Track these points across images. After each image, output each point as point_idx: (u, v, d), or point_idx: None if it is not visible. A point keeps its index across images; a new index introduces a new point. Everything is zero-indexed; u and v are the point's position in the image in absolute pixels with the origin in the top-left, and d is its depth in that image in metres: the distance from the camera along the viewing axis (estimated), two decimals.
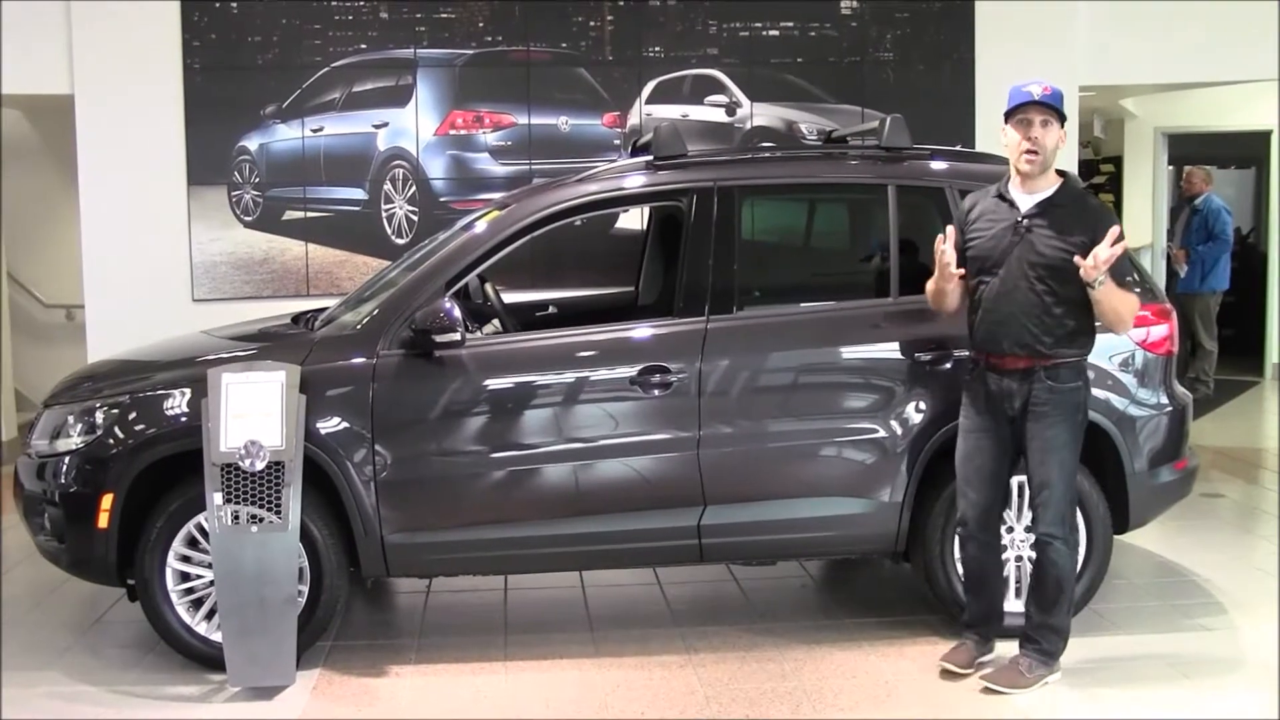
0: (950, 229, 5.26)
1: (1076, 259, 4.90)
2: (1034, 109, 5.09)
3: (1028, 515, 5.68)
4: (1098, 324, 5.13)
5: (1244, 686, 5.31)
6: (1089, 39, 9.95)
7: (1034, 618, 5.30)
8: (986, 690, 5.22)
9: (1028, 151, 5.10)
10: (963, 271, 5.22)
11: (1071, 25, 9.89)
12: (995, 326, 5.14)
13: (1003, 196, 5.21)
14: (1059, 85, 5.20)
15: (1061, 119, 5.14)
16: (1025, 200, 5.14)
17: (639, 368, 5.61)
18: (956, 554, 5.67)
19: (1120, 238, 4.89)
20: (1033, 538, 5.64)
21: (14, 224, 11.39)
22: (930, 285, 5.32)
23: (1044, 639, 5.27)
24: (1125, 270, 5.08)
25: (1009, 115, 5.17)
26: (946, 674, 5.37)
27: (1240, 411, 11.87)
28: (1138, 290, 5.20)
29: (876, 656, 5.66)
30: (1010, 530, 5.72)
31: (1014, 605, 5.72)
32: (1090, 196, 5.16)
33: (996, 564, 5.46)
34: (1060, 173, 5.19)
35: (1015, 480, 5.66)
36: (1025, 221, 5.11)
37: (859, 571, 7.03)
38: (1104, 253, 4.84)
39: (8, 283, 10.99)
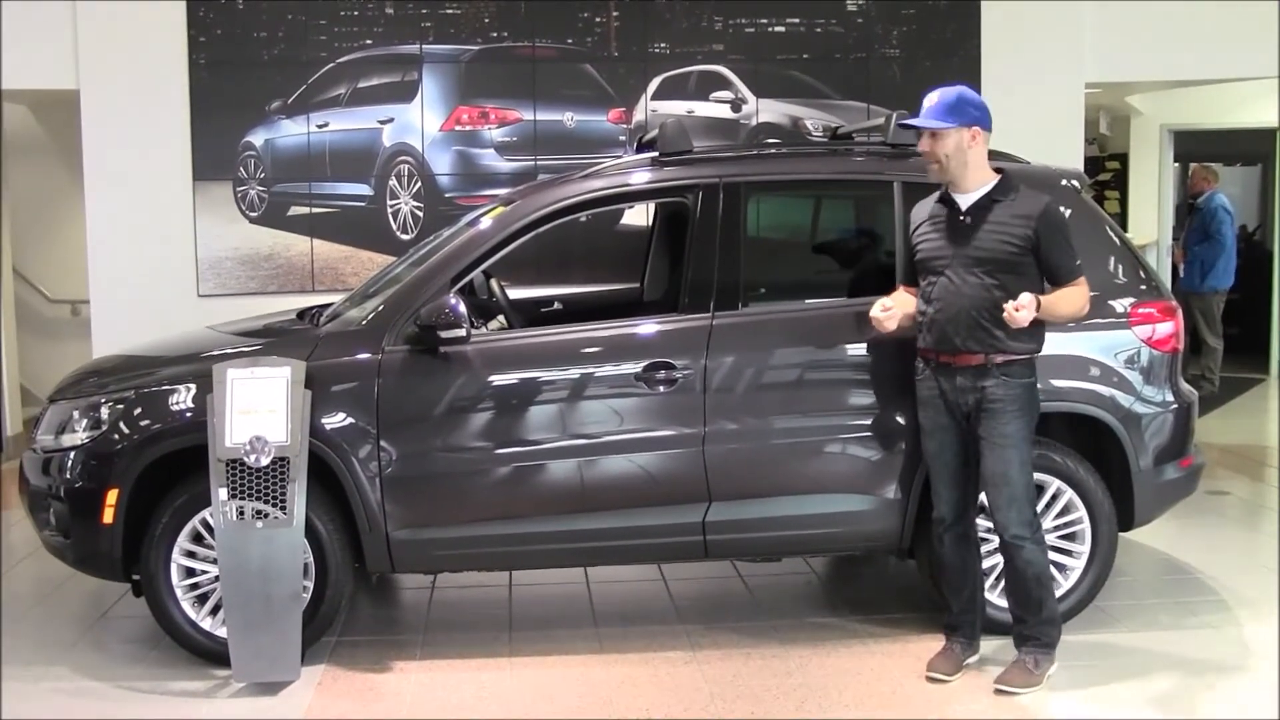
0: (887, 299, 5.32)
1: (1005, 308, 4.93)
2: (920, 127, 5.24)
3: None
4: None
5: (1248, 684, 5.31)
6: (1095, 36, 9.95)
7: (1025, 618, 5.30)
8: (1000, 693, 5.20)
9: (927, 162, 5.27)
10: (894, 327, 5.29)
11: (1078, 22, 9.88)
12: (946, 324, 5.15)
13: (944, 199, 5.26)
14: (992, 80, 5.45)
15: (958, 124, 5.14)
16: (964, 200, 5.19)
17: (644, 364, 5.61)
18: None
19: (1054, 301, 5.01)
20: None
21: (19, 219, 11.40)
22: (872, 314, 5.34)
23: (1041, 634, 5.28)
24: (1074, 256, 5.07)
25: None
26: (933, 682, 5.35)
27: (1245, 409, 11.86)
28: (1078, 264, 5.13)
29: (881, 654, 5.65)
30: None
31: (1003, 599, 5.75)
32: (1028, 191, 5.16)
33: (974, 557, 5.45)
34: (998, 169, 5.24)
35: None
36: (965, 219, 5.15)
37: (864, 569, 7.03)
38: (1012, 314, 4.88)
39: (13, 278, 10.99)
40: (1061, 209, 5.13)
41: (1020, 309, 4.86)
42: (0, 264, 10.31)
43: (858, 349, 5.75)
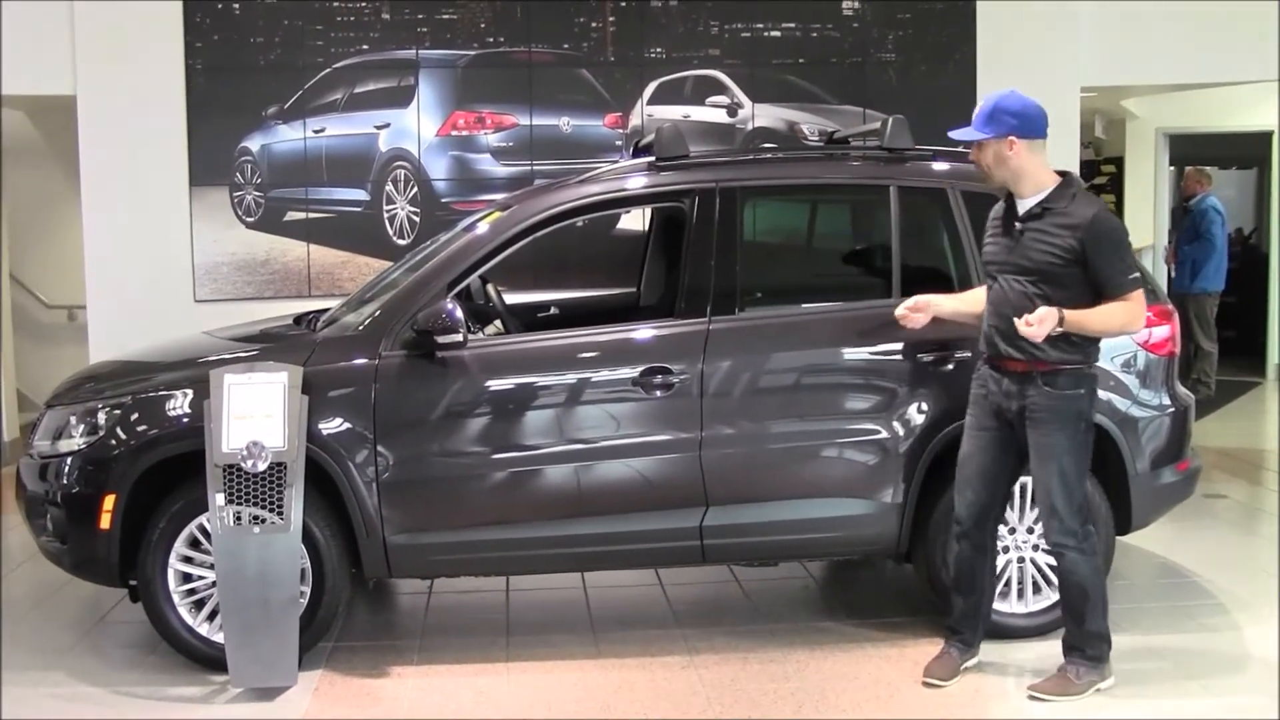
0: (920, 298, 5.37)
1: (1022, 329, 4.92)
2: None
3: (1030, 516, 5.71)
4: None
5: (1247, 687, 5.31)
6: (1091, 39, 9.95)
7: (1071, 629, 5.26)
8: (1033, 699, 5.17)
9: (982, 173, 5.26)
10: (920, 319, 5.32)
11: (1073, 26, 9.89)
12: (993, 329, 5.15)
13: (1010, 205, 5.23)
14: (1004, 89, 5.34)
15: (994, 134, 5.11)
16: (1020, 206, 5.15)
17: (641, 369, 5.61)
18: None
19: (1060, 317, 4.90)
20: (1034, 539, 5.71)
21: (16, 224, 11.40)
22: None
23: (1087, 645, 5.21)
24: (1125, 268, 4.99)
25: None
26: (929, 687, 5.33)
27: (1242, 412, 11.88)
28: (1131, 277, 5.01)
29: (879, 658, 5.66)
30: (1013, 531, 5.73)
31: (1014, 606, 5.77)
32: (1077, 200, 5.03)
33: (987, 566, 5.43)
34: (1061, 173, 5.16)
35: (1019, 482, 5.68)
36: (1019, 226, 5.11)
37: (861, 573, 7.03)
38: (1024, 329, 4.87)
39: (10, 283, 10.99)
40: (1107, 221, 5.00)
41: (1032, 324, 4.83)
42: None
43: (854, 353, 5.76)
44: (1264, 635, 5.81)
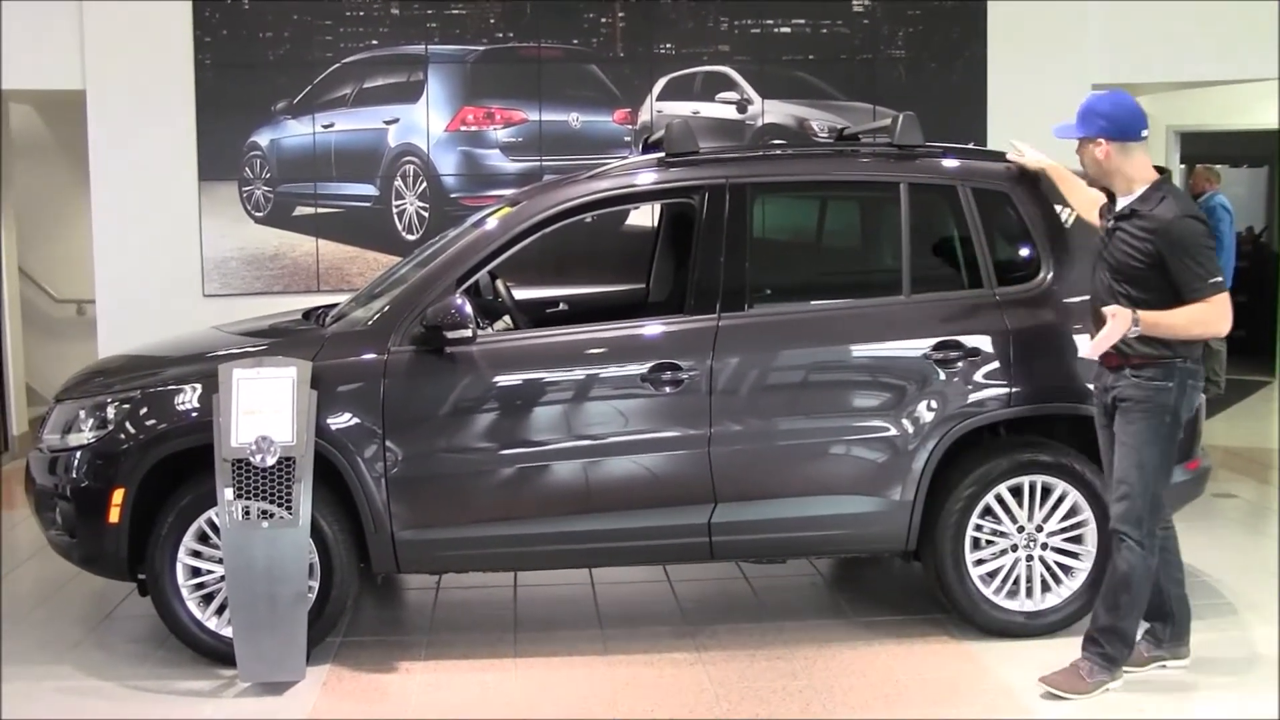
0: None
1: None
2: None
3: (1039, 514, 5.72)
4: None
5: (1254, 686, 5.30)
6: (1101, 37, 9.93)
7: (1100, 618, 5.23)
8: (1048, 695, 5.17)
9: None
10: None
11: (1084, 23, 9.87)
12: (1094, 324, 5.22)
13: (1112, 199, 5.28)
14: (1077, 86, 5.26)
15: (1085, 134, 5.17)
16: (1119, 204, 5.20)
17: (650, 365, 5.61)
18: (967, 553, 5.69)
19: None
20: (1042, 538, 5.70)
21: (26, 219, 11.41)
22: None
23: (1108, 643, 5.18)
24: (1203, 273, 4.96)
25: None
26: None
27: (1251, 411, 11.85)
28: (1210, 281, 4.95)
29: (886, 655, 5.65)
30: (1021, 529, 5.72)
31: (1021, 604, 5.76)
32: (1163, 203, 5.01)
33: (1156, 559, 5.29)
34: (1159, 169, 5.19)
35: (1027, 479, 5.69)
36: (1112, 224, 5.17)
37: (869, 570, 7.02)
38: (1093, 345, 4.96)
39: (19, 278, 11.00)
40: (1188, 224, 4.96)
41: (1114, 316, 4.89)
42: (5, 264, 10.30)
43: (864, 351, 5.75)
44: (1269, 634, 5.79)
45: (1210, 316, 4.93)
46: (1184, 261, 4.90)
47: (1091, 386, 5.40)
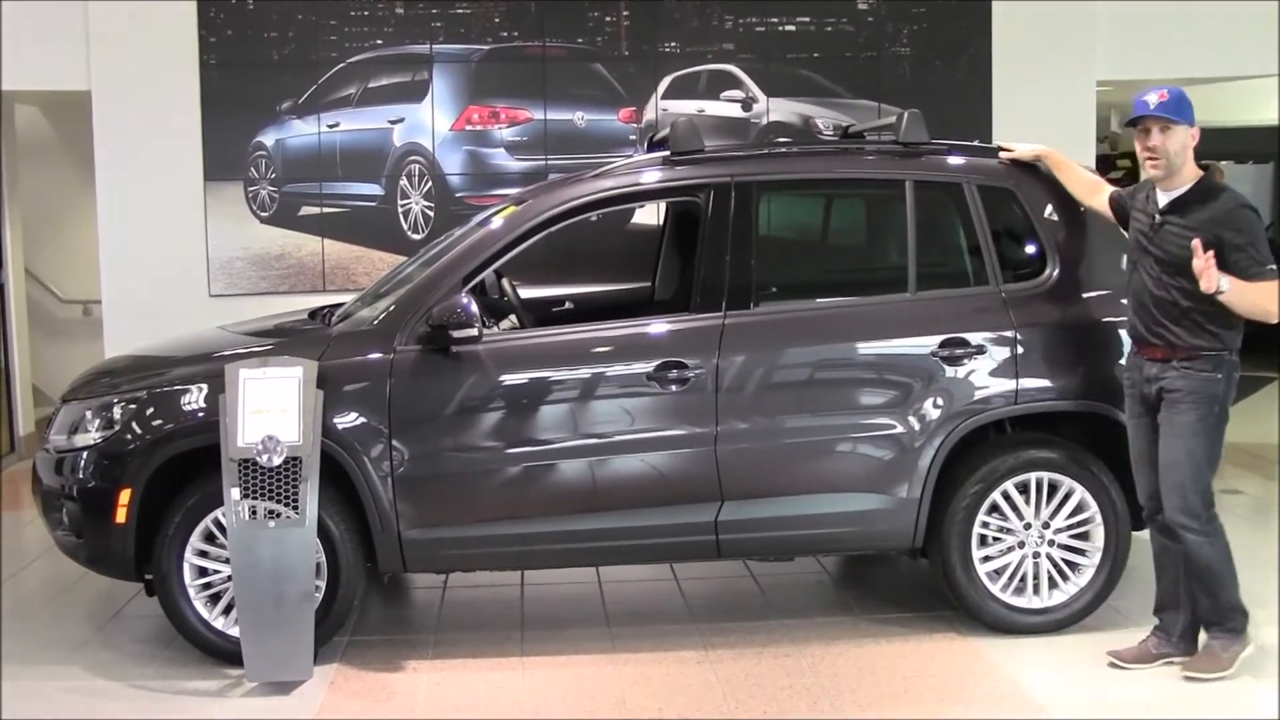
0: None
1: (1194, 262, 4.93)
2: (1150, 119, 5.20)
3: (1045, 511, 5.72)
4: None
5: (1253, 683, 5.28)
6: (1107, 33, 9.92)
7: (1204, 605, 5.32)
8: (1189, 680, 5.25)
9: (1150, 157, 5.23)
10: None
11: (1089, 20, 9.87)
12: (1135, 317, 5.27)
13: (1149, 194, 5.31)
14: (1177, 88, 5.28)
15: (1185, 122, 5.19)
16: (1163, 198, 5.22)
17: (656, 363, 5.60)
18: (974, 550, 5.69)
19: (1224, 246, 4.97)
20: (1049, 534, 5.73)
21: (32, 220, 11.41)
22: None
23: (1225, 619, 5.30)
24: (1262, 259, 5.02)
25: (1131, 125, 5.28)
26: (1113, 666, 5.41)
27: (1257, 408, 11.82)
28: (1270, 267, 5.04)
29: (894, 653, 5.65)
30: (1028, 526, 5.72)
31: (1030, 601, 5.76)
32: (1222, 194, 5.13)
33: (1177, 550, 5.35)
34: (1203, 166, 5.24)
35: (1033, 476, 5.69)
36: (1158, 218, 5.18)
37: (876, 568, 7.02)
38: (1200, 266, 4.89)
39: (25, 278, 11.01)
40: (1248, 213, 5.09)
41: (1209, 263, 4.89)
42: (11, 265, 10.31)
43: (869, 349, 5.75)
44: (1273, 633, 5.78)
45: (1275, 297, 5.02)
46: (1245, 249, 5.00)
47: (1125, 377, 5.42)
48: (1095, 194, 5.71)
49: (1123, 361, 5.52)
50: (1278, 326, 5.16)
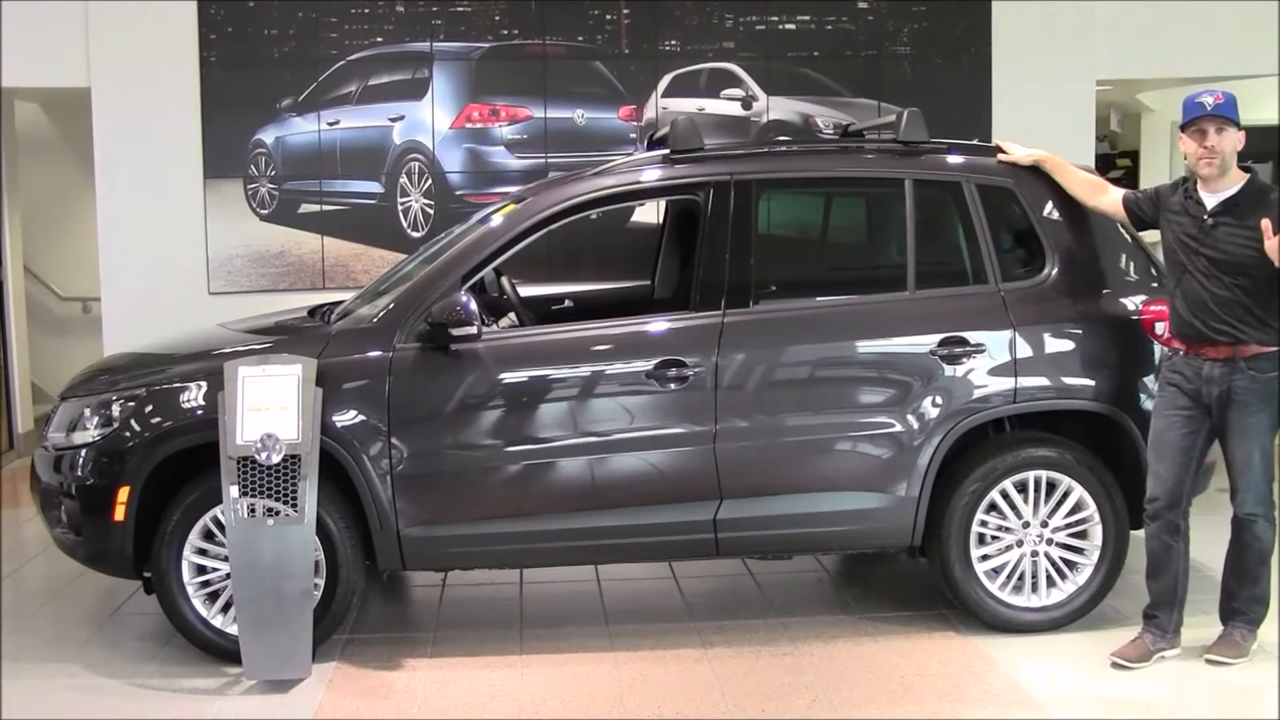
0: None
1: (1267, 243, 5.00)
2: (1207, 120, 5.24)
3: (1044, 509, 5.73)
4: None
5: (1251, 683, 5.29)
6: (1106, 33, 9.92)
7: (1238, 592, 5.46)
8: (1210, 662, 5.41)
9: (1206, 157, 5.25)
10: None
11: (1089, 19, 9.86)
12: (1192, 318, 5.28)
13: (1189, 194, 5.33)
14: (1231, 92, 5.34)
15: (1236, 123, 5.24)
16: (1210, 199, 5.26)
17: (655, 361, 5.60)
18: (972, 549, 5.69)
19: None
20: (1047, 533, 5.71)
21: (31, 217, 11.41)
22: None
23: (1250, 609, 5.46)
24: None
25: (1184, 126, 5.32)
26: (1116, 667, 5.43)
27: None
28: None
29: (892, 651, 5.65)
30: (1027, 525, 5.73)
31: (1027, 600, 5.77)
32: (1271, 194, 5.22)
33: (1181, 547, 5.49)
34: (1245, 168, 5.30)
35: (1032, 475, 5.69)
36: (1210, 220, 5.22)
37: (875, 566, 7.02)
38: (1273, 246, 4.97)
39: (25, 276, 11.01)
40: None
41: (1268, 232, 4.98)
42: (10, 262, 10.31)
43: (869, 347, 5.75)
44: (1271, 632, 5.77)
45: None
46: None
47: (1171, 374, 5.41)
48: (1099, 194, 5.73)
49: (1168, 360, 5.49)
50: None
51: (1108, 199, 5.71)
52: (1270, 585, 5.45)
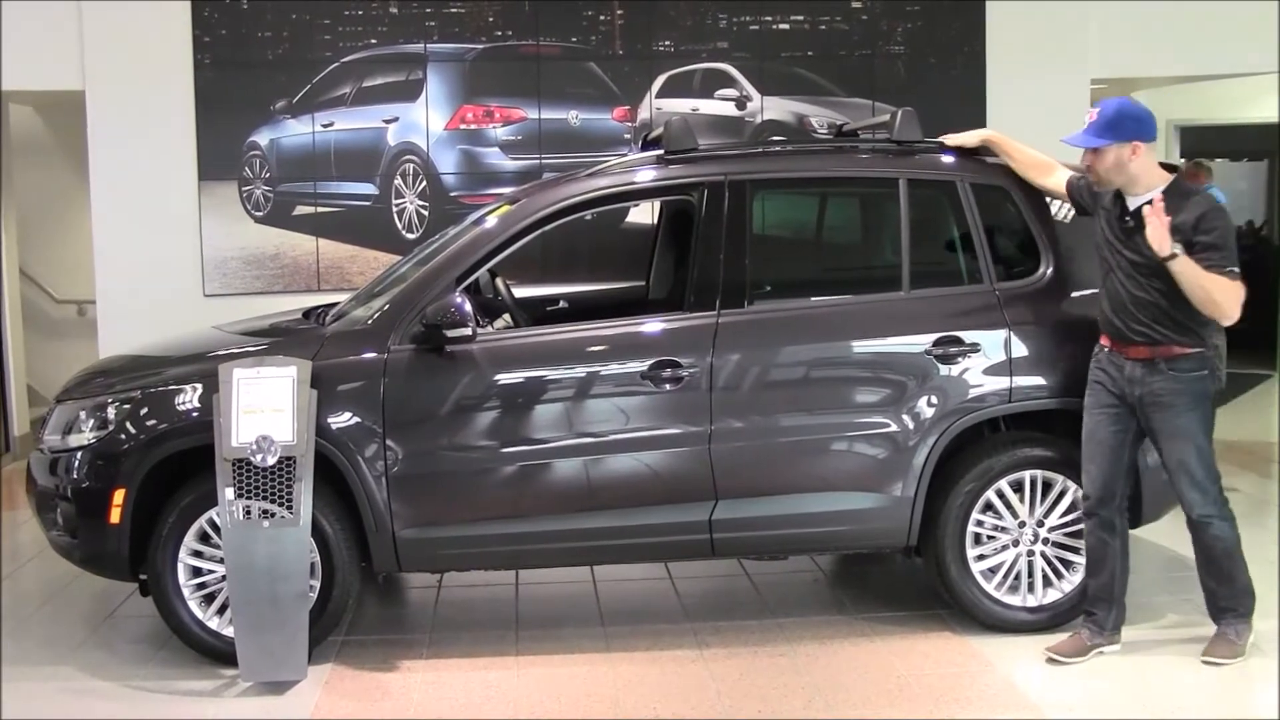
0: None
1: (1148, 230, 5.04)
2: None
3: (1039, 509, 5.73)
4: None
5: (1251, 682, 5.30)
6: (1101, 32, 9.92)
7: (1219, 591, 5.47)
8: (1208, 663, 5.40)
9: (1092, 177, 5.42)
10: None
11: (1083, 18, 9.86)
12: (1113, 316, 5.32)
13: (1116, 195, 5.35)
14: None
15: (1115, 141, 5.21)
16: (1131, 202, 5.28)
17: (650, 362, 5.61)
18: (968, 549, 5.70)
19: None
20: (1043, 533, 5.73)
21: (26, 220, 11.41)
22: None
23: (1238, 604, 5.47)
24: (1227, 260, 5.07)
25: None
26: (1051, 663, 5.46)
27: (1252, 405, 11.83)
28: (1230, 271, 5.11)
29: (888, 652, 5.65)
30: (1023, 525, 5.73)
31: (1023, 599, 5.77)
32: (1194, 197, 5.19)
33: (1117, 544, 5.51)
34: (1171, 168, 5.31)
35: (1028, 474, 5.69)
36: (1129, 220, 5.25)
37: (871, 566, 7.03)
38: (1154, 233, 5.00)
39: (20, 278, 11.00)
40: (1220, 213, 5.16)
41: (1155, 214, 5.00)
42: (5, 265, 10.30)
43: (864, 346, 5.75)
44: (1269, 628, 5.79)
45: (1229, 294, 5.09)
46: (1214, 247, 5.07)
47: (1096, 371, 5.44)
48: (1047, 174, 5.80)
49: (1095, 356, 5.49)
50: (1272, 323, 5.20)
51: (1054, 179, 5.77)
52: (1249, 574, 5.47)
